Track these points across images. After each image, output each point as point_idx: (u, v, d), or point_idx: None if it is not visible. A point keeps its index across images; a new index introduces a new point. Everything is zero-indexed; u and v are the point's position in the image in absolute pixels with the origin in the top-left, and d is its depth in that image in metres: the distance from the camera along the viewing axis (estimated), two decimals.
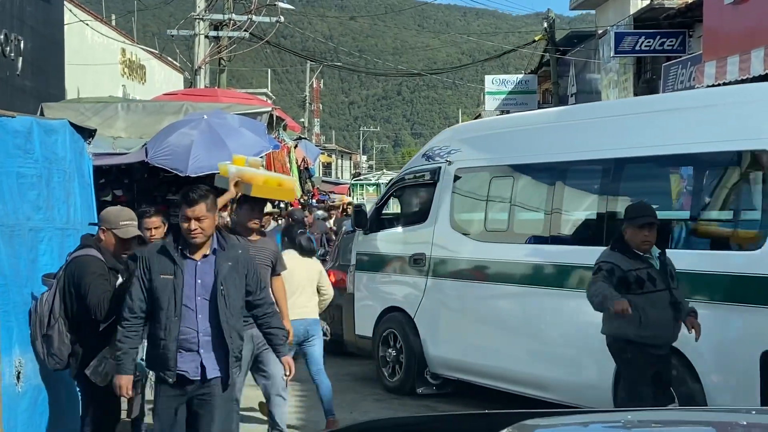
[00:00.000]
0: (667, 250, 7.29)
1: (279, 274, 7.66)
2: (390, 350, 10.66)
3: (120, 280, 6.27)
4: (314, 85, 63.51)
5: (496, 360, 9.24)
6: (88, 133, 8.17)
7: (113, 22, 30.40)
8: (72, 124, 7.65)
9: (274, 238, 8.24)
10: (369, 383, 11.07)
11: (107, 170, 15.05)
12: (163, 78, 33.52)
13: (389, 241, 10.95)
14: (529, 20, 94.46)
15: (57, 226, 6.93)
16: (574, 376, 8.24)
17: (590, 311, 7.90)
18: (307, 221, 14.53)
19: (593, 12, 27.98)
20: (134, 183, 15.53)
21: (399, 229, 10.96)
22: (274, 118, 16.58)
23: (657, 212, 8.30)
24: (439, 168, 10.30)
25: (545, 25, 30.24)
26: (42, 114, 14.00)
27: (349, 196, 37.52)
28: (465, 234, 9.94)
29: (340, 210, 23.12)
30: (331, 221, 20.18)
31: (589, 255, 8.06)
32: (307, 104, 58.63)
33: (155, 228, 12.35)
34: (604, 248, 7.18)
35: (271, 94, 44.51)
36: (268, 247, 7.59)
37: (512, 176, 9.44)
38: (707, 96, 8.62)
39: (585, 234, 8.58)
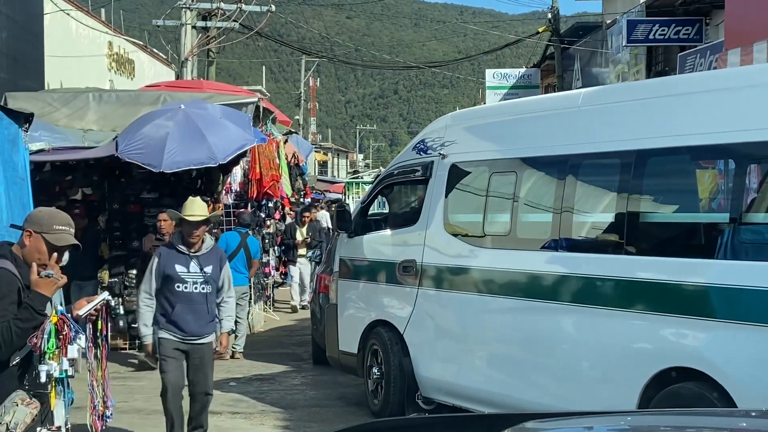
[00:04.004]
0: (700, 260, 6.19)
1: None
2: (376, 369, 9.51)
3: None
4: (311, 84, 62.59)
5: (496, 385, 8.02)
6: (24, 119, 6.89)
7: (102, 16, 29.27)
8: (1, 107, 6.41)
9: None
10: (364, 409, 9.83)
11: (74, 166, 13.99)
12: (153, 74, 32.41)
13: (376, 245, 9.76)
14: (526, 19, 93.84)
15: None
16: (594, 407, 6.80)
17: (610, 330, 6.86)
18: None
19: (591, 10, 27.04)
20: (105, 180, 14.43)
21: (387, 231, 9.76)
22: (261, 110, 15.49)
23: (687, 214, 7.05)
24: (432, 162, 9.11)
25: (549, 16, 29.22)
26: (5, 104, 12.87)
27: (344, 194, 36.49)
28: (461, 238, 8.73)
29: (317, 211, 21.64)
30: (303, 229, 18.67)
31: (606, 264, 6.96)
32: (302, 101, 57.58)
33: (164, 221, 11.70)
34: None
35: (266, 92, 43.37)
36: None
37: (516, 172, 8.18)
38: (750, 75, 7.17)
39: (602, 240, 7.39)
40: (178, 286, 7.81)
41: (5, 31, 16.89)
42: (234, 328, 7.84)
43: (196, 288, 7.84)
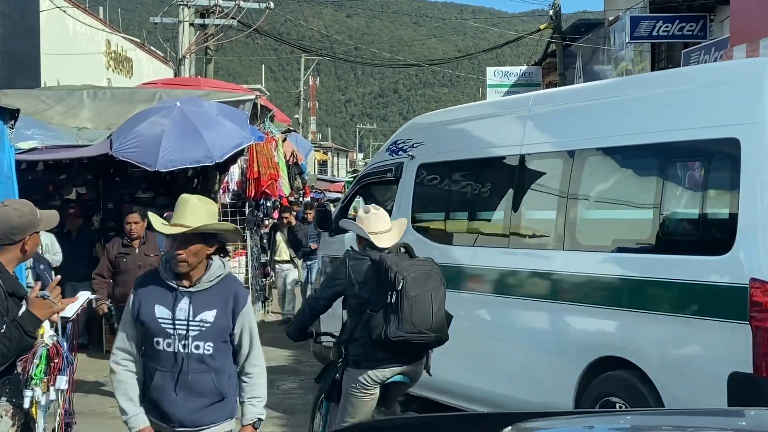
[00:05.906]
0: (632, 255, 6.71)
1: None
2: None
3: (24, 308, 4.65)
4: (310, 83, 62.54)
5: (462, 377, 8.40)
6: (9, 115, 6.64)
7: (100, 14, 29.14)
8: None
9: None
10: None
11: (68, 165, 13.78)
12: (151, 72, 32.33)
13: (353, 243, 9.88)
14: (526, 17, 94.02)
15: None
16: (535, 396, 7.37)
17: (550, 322, 7.44)
18: None
19: (593, 8, 26.96)
20: (99, 179, 14.23)
21: None
22: (259, 107, 15.27)
23: (621, 208, 7.45)
24: (402, 163, 9.53)
25: (550, 13, 29.07)
26: None
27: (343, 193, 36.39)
28: (426, 236, 9.12)
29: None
30: (285, 230, 17.67)
31: (546, 259, 7.46)
32: (302, 100, 57.45)
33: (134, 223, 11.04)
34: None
35: (265, 90, 43.21)
36: None
37: (473, 172, 8.72)
38: (682, 76, 7.65)
39: (544, 236, 7.78)
40: (158, 342, 4.62)
41: (0, 29, 16.74)
42: (263, 418, 5.14)
43: (185, 346, 4.61)
